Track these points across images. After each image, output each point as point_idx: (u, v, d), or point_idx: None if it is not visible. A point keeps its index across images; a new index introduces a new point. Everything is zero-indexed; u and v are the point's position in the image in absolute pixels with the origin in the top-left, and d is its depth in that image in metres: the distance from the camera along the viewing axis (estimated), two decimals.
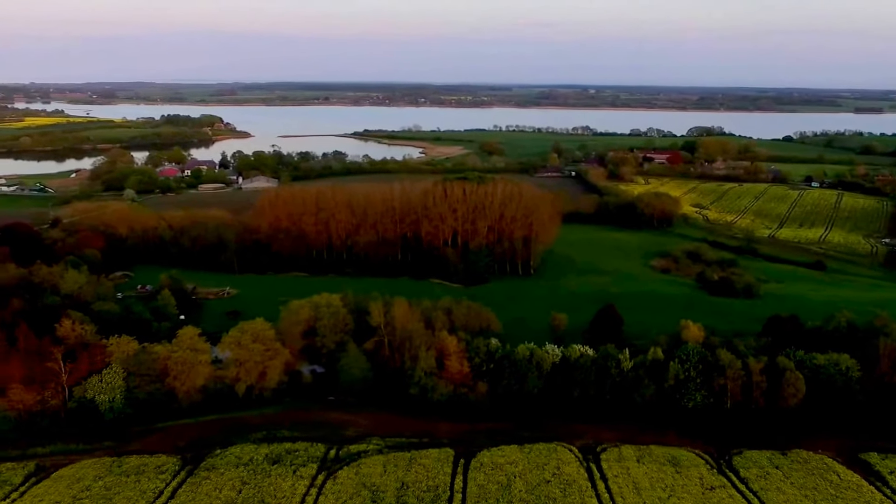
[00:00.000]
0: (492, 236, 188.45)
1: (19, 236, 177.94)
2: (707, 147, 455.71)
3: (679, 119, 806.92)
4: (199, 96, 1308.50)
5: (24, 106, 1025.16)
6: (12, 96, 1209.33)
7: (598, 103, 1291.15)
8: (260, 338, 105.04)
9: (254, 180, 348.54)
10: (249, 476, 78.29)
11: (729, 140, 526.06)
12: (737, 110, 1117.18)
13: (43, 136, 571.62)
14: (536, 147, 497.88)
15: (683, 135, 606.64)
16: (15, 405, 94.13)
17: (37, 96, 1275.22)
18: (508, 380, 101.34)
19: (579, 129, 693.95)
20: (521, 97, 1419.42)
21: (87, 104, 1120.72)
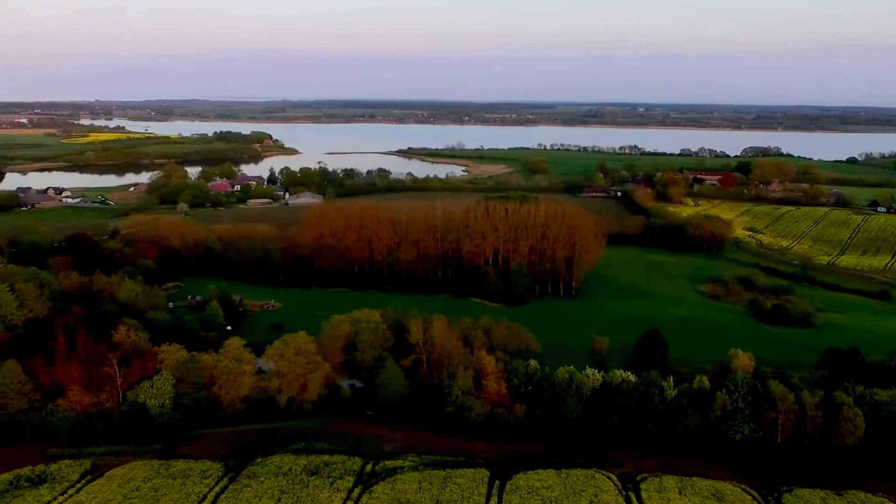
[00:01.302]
0: (533, 256, 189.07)
1: (81, 246, 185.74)
2: (762, 168, 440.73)
3: (733, 138, 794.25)
4: (250, 113, 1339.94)
5: (88, 122, 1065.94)
6: (78, 113, 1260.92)
7: (647, 122, 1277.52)
8: (302, 351, 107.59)
9: (300, 196, 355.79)
10: (288, 486, 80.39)
11: (787, 161, 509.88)
12: (796, 129, 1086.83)
13: (105, 150, 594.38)
14: (581, 166, 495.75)
15: (737, 155, 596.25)
16: (74, 406, 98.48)
17: (101, 113, 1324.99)
18: (546, 402, 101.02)
19: (626, 148, 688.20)
20: (567, 115, 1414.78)
21: (146, 121, 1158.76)
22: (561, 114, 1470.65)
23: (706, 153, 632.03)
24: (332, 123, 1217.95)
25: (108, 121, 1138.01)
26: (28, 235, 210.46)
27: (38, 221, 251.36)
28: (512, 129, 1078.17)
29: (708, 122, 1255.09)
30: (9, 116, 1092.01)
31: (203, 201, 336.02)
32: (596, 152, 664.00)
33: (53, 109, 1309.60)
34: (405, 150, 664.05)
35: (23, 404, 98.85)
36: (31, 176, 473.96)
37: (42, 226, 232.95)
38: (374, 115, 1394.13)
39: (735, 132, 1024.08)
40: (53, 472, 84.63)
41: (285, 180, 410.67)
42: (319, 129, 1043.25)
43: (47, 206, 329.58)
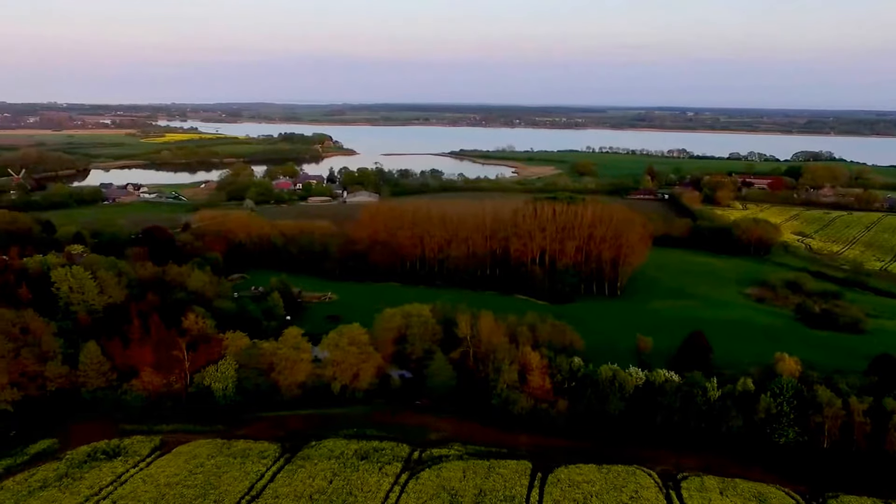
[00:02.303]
0: (579, 256, 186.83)
1: (156, 238, 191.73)
2: (813, 173, 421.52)
3: (783, 143, 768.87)
4: (313, 116, 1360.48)
5: (165, 123, 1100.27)
6: (156, 115, 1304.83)
7: (696, 126, 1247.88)
8: (355, 341, 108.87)
9: (357, 195, 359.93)
10: (340, 468, 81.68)
11: (839, 165, 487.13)
12: (849, 135, 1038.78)
13: (179, 150, 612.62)
14: (629, 169, 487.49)
15: (787, 159, 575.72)
16: (146, 386, 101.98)
17: (176, 115, 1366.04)
18: (589, 399, 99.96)
19: (675, 151, 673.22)
20: (616, 119, 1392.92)
21: (217, 122, 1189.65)
22: (610, 118, 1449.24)
23: (755, 157, 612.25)
24: (388, 126, 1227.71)
25: (182, 122, 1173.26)
26: (109, 228, 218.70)
27: (117, 215, 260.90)
28: (561, 133, 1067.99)
29: (758, 127, 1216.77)
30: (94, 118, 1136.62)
31: (267, 198, 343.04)
32: (644, 155, 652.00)
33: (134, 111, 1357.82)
34: (457, 152, 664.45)
35: (101, 383, 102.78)
36: (112, 173, 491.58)
37: (121, 219, 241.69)
38: (428, 119, 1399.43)
39: (786, 136, 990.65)
40: (127, 447, 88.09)
41: (343, 179, 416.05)
42: (377, 132, 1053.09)
43: (126, 200, 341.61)
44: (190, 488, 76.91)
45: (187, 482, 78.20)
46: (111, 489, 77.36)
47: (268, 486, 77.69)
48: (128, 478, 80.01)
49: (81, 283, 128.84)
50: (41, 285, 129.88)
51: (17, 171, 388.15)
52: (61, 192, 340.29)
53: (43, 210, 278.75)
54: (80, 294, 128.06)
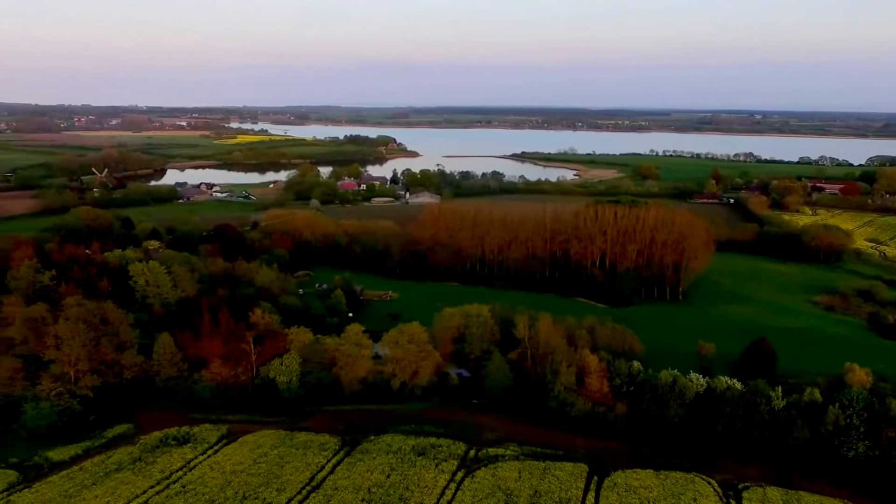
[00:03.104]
0: (641, 260, 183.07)
1: (226, 236, 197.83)
2: (889, 178, 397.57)
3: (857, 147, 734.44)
4: (378, 119, 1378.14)
5: (237, 125, 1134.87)
6: (229, 117, 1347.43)
7: (764, 129, 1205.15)
8: (415, 339, 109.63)
9: (419, 196, 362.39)
10: (397, 463, 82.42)
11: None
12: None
13: (250, 151, 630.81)
14: (694, 172, 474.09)
15: (861, 164, 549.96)
16: (215, 377, 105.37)
17: (248, 117, 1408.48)
18: (648, 404, 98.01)
19: (741, 155, 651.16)
20: (681, 122, 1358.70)
21: (285, 125, 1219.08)
22: (675, 120, 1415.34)
23: (827, 161, 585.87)
24: (451, 128, 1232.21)
25: (253, 124, 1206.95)
26: (183, 225, 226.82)
27: (191, 213, 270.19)
28: (624, 136, 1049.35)
29: (830, 130, 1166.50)
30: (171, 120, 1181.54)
31: (332, 198, 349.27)
32: (709, 159, 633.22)
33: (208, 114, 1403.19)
34: (519, 155, 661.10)
35: (173, 372, 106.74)
36: (187, 172, 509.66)
37: (194, 216, 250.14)
38: (490, 121, 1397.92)
39: (860, 140, 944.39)
40: (196, 434, 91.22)
41: (406, 181, 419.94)
42: (439, 134, 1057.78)
43: (199, 199, 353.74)
44: (254, 476, 79.01)
45: (252, 470, 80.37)
46: (181, 474, 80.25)
47: (328, 478, 79.09)
48: (196, 464, 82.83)
49: (157, 278, 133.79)
50: (120, 278, 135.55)
51: (101, 170, 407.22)
52: (140, 190, 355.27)
53: (123, 207, 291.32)
54: (156, 287, 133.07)
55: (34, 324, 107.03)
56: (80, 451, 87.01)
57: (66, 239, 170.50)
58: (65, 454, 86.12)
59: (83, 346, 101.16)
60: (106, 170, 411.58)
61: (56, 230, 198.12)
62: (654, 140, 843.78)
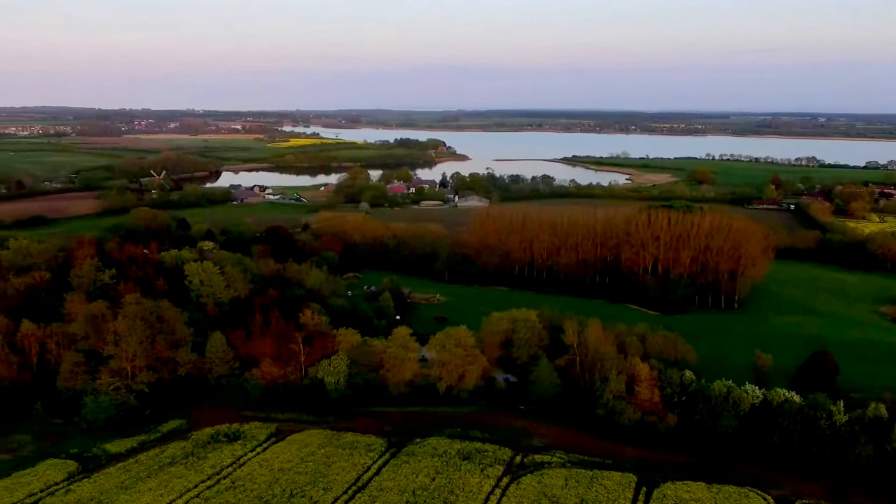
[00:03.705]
0: (695, 267, 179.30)
1: (278, 237, 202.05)
2: None
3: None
4: (428, 122, 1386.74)
5: (289, 129, 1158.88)
6: (282, 121, 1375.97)
7: (828, 133, 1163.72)
8: (462, 343, 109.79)
9: (468, 199, 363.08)
10: (442, 467, 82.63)
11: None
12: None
13: (302, 154, 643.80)
14: (752, 177, 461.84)
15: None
16: (265, 376, 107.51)
17: (300, 121, 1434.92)
18: (701, 415, 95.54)
19: (803, 159, 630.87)
20: (739, 125, 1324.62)
21: (337, 128, 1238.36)
22: (732, 124, 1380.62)
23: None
24: (501, 132, 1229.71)
25: (305, 128, 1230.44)
26: (236, 226, 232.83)
27: (244, 214, 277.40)
28: (679, 139, 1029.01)
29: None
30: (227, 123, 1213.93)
31: (382, 201, 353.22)
32: (768, 163, 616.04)
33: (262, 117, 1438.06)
34: (570, 158, 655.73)
35: (224, 370, 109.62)
36: (241, 175, 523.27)
37: (247, 218, 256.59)
38: (541, 125, 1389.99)
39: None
40: (245, 432, 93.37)
41: (455, 184, 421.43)
42: (489, 137, 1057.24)
43: (252, 201, 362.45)
44: (301, 475, 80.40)
45: (299, 469, 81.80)
46: (231, 470, 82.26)
47: (373, 479, 79.84)
48: (246, 461, 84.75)
49: (210, 277, 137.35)
50: (175, 278, 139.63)
51: (159, 172, 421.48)
52: (195, 192, 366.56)
53: (179, 208, 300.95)
54: (209, 287, 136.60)
55: (95, 320, 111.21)
56: (135, 445, 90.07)
57: (125, 239, 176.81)
58: (121, 447, 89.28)
59: (140, 342, 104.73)
60: (164, 172, 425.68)
61: (116, 230, 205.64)
62: (710, 144, 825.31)
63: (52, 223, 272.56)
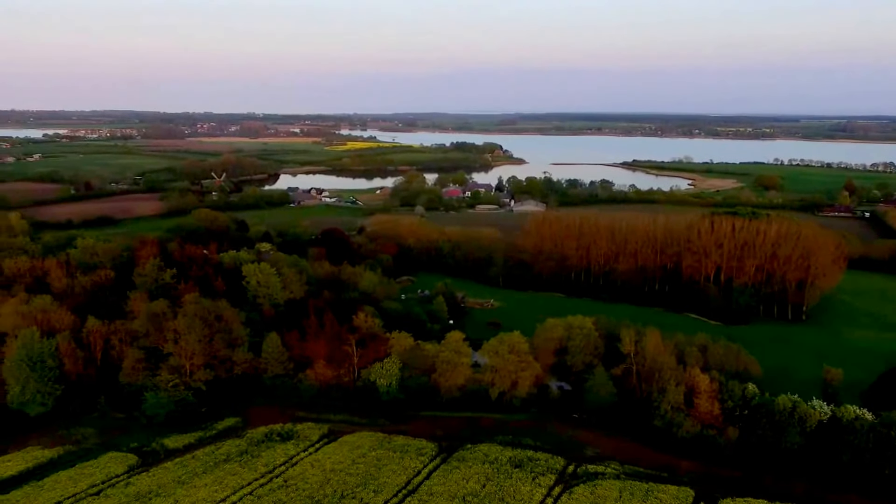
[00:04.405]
0: (760, 276, 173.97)
1: (333, 240, 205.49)
2: None
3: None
4: (484, 125, 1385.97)
5: (347, 132, 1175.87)
6: (339, 124, 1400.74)
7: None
8: (515, 349, 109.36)
9: (524, 204, 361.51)
10: (493, 474, 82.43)
11: None
12: None
13: (359, 157, 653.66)
14: (823, 183, 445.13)
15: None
16: (318, 377, 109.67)
17: (357, 124, 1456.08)
18: (763, 430, 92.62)
19: (880, 164, 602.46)
20: (811, 129, 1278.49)
21: (393, 131, 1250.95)
22: (803, 128, 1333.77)
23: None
24: (559, 135, 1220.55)
25: (362, 131, 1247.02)
26: (293, 228, 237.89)
27: (301, 216, 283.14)
28: (745, 143, 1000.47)
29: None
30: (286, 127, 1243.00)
31: (437, 205, 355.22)
32: (842, 169, 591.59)
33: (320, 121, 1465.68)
34: (629, 163, 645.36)
35: (279, 370, 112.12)
36: (299, 177, 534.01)
37: (304, 220, 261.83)
38: (600, 128, 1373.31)
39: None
40: (298, 432, 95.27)
41: (511, 188, 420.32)
42: (547, 141, 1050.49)
43: (309, 203, 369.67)
44: (352, 476, 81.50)
45: (350, 470, 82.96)
46: (283, 469, 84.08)
47: (424, 483, 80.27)
48: (298, 460, 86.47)
49: (267, 279, 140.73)
50: (234, 278, 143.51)
51: (219, 174, 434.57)
52: (254, 194, 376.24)
53: (238, 210, 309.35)
54: (266, 288, 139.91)
55: (156, 318, 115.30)
56: (192, 441, 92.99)
57: (186, 239, 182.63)
58: (179, 442, 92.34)
59: (198, 341, 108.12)
60: (224, 174, 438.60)
61: (178, 231, 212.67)
62: (779, 148, 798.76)
63: (118, 223, 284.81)
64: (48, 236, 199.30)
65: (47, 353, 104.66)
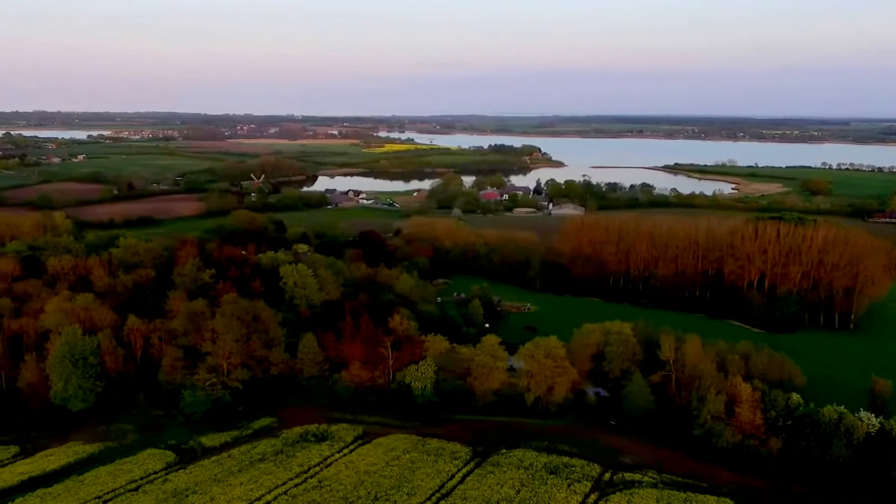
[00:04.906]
0: (805, 283, 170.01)
1: (370, 242, 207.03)
2: None
3: None
4: (523, 128, 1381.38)
5: (385, 134, 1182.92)
6: (377, 126, 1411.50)
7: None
8: (552, 354, 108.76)
9: (562, 207, 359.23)
10: (528, 480, 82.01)
11: None
12: None
13: (396, 159, 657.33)
14: (874, 188, 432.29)
15: None
16: (353, 378, 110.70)
17: (395, 126, 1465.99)
18: (808, 441, 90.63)
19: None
20: (861, 132, 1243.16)
21: (431, 133, 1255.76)
22: (854, 130, 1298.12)
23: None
24: (599, 138, 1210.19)
25: (400, 133, 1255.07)
26: (330, 230, 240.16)
27: (338, 218, 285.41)
28: (792, 147, 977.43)
29: None
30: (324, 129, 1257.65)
31: (474, 208, 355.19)
32: (893, 173, 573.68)
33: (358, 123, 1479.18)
34: (671, 166, 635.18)
35: (314, 371, 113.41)
36: (336, 179, 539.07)
37: (341, 222, 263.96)
38: (641, 131, 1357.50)
39: None
40: (333, 432, 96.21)
41: (549, 191, 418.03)
42: (587, 144, 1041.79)
43: (347, 205, 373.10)
44: (386, 478, 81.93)
45: (384, 472, 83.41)
46: (318, 469, 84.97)
47: (457, 487, 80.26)
48: (332, 461, 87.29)
49: (304, 280, 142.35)
50: (271, 279, 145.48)
51: (258, 175, 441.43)
52: (293, 195, 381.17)
53: (276, 211, 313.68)
54: (303, 289, 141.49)
55: (195, 317, 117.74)
56: (228, 440, 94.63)
57: (225, 240, 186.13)
58: (215, 441, 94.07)
59: (236, 340, 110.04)
60: (263, 176, 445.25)
61: (217, 231, 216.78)
62: (827, 152, 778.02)
63: (159, 223, 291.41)
64: (91, 236, 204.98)
65: (89, 350, 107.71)
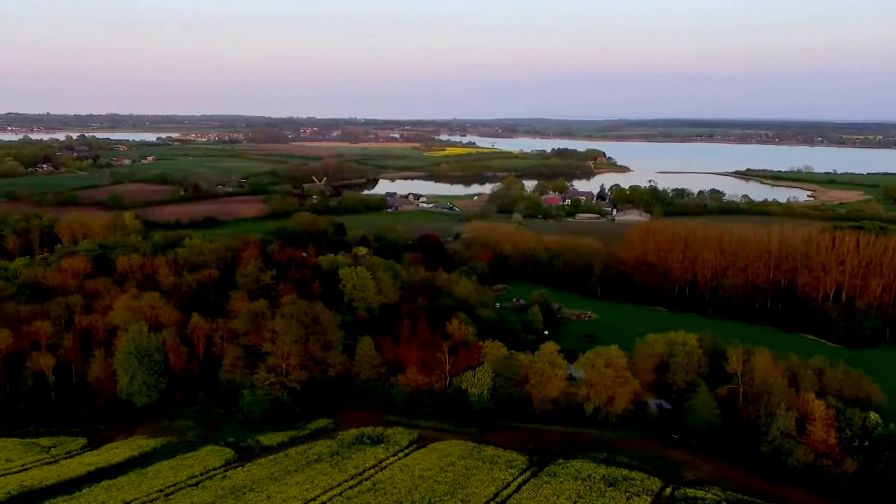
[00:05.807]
0: (887, 296, 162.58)
1: (429, 246, 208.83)
2: None
3: None
4: (587, 131, 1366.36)
5: (446, 138, 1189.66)
6: (439, 130, 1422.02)
7: None
8: (612, 364, 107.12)
9: (626, 213, 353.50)
10: (585, 491, 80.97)
11: None
12: None
13: (457, 163, 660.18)
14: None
15: None
16: (409, 382, 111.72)
17: (457, 130, 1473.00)
18: (886, 463, 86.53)
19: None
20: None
21: (493, 137, 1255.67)
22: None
23: None
24: (667, 142, 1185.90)
25: (461, 137, 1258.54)
26: (389, 233, 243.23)
27: (398, 222, 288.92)
28: (875, 152, 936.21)
29: None
30: (385, 132, 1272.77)
31: (535, 213, 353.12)
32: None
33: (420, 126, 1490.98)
34: (742, 172, 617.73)
35: (371, 374, 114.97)
36: (397, 182, 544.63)
37: (401, 225, 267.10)
38: (712, 135, 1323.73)
39: None
40: (389, 436, 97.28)
41: (613, 197, 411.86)
42: (653, 148, 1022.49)
43: (406, 209, 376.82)
44: (441, 484, 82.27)
45: (439, 478, 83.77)
46: (372, 472, 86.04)
47: (512, 496, 79.86)
48: (387, 464, 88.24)
49: (363, 283, 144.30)
50: (330, 281, 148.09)
51: (320, 178, 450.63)
52: (353, 198, 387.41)
53: (337, 214, 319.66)
54: (361, 292, 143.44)
55: (255, 318, 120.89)
56: (285, 439, 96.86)
57: (286, 242, 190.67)
58: (273, 440, 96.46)
59: (295, 342, 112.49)
60: (324, 178, 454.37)
61: (278, 233, 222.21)
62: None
63: (222, 224, 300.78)
64: (158, 235, 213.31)
65: (154, 347, 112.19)
